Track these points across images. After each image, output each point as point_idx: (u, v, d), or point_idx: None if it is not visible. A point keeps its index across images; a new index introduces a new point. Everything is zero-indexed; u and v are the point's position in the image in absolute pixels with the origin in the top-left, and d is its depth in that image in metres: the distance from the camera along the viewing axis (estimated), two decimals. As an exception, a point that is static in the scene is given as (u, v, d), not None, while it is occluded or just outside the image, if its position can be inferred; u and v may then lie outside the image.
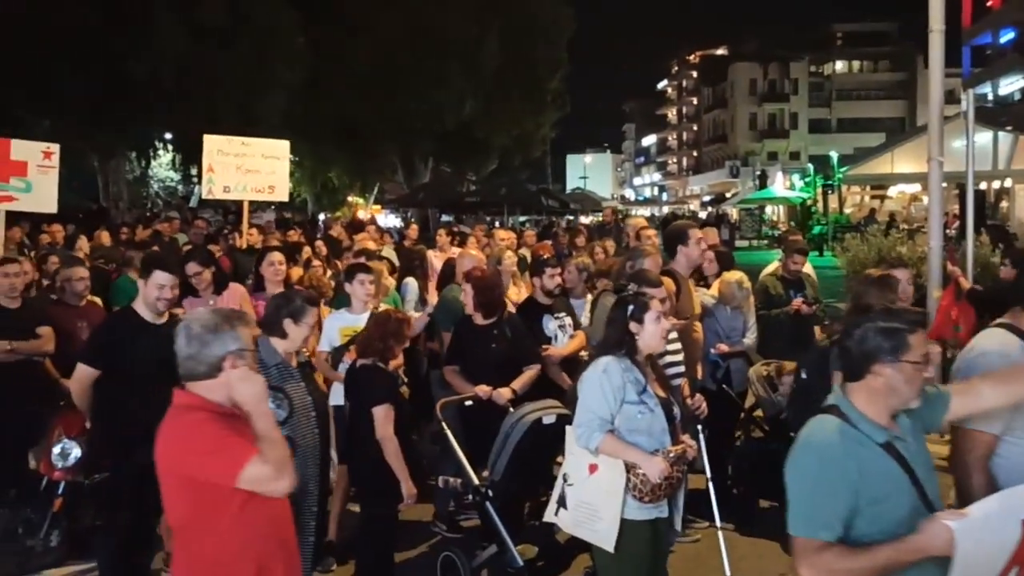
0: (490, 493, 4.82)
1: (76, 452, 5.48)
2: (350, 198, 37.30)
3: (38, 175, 7.48)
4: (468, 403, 5.27)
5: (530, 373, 5.56)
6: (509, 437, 4.79)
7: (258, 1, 24.07)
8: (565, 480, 3.92)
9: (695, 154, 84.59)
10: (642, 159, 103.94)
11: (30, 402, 5.69)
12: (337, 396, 5.38)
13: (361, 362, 4.82)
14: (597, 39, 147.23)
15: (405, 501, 4.60)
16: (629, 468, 3.67)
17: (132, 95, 22.57)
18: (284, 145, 10.70)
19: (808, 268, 7.76)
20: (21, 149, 7.50)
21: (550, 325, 6.01)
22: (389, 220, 34.12)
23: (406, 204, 30.82)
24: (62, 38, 21.05)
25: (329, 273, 8.10)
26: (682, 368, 4.96)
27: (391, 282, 6.79)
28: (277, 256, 6.58)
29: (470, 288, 5.52)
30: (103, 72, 21.94)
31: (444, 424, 5.12)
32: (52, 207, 7.89)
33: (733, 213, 44.68)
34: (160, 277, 4.73)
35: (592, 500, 3.77)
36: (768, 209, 43.73)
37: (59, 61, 21.37)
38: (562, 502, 3.91)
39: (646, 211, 54.91)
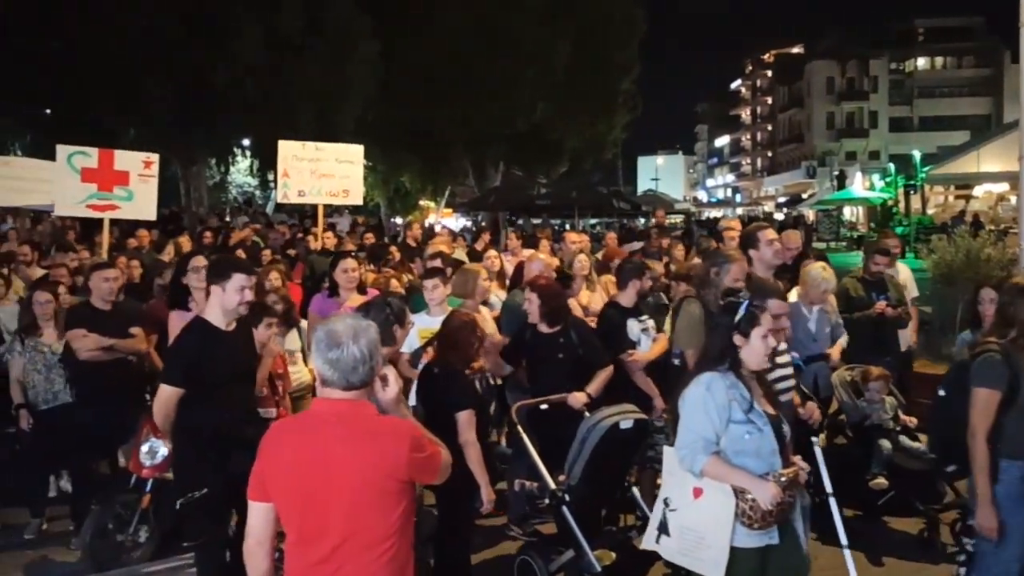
0: (567, 497, 4.80)
1: (163, 450, 5.65)
2: (421, 202, 37.68)
3: (139, 184, 7.81)
4: (543, 407, 5.26)
5: (603, 376, 5.53)
6: (586, 441, 4.76)
7: (333, 9, 24.53)
8: (667, 505, 3.71)
9: (770, 155, 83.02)
10: (715, 160, 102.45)
11: (122, 400, 5.89)
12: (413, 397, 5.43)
13: (439, 366, 4.82)
14: (669, 40, 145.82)
15: (484, 507, 4.57)
16: (737, 493, 3.47)
17: (213, 103, 23.24)
18: (358, 149, 10.89)
19: (905, 272, 7.57)
20: (124, 160, 7.83)
21: (634, 329, 5.94)
22: (460, 223, 34.40)
23: (477, 207, 30.99)
24: (147, 49, 21.80)
25: (405, 277, 8.19)
26: (792, 382, 4.75)
27: (486, 284, 6.71)
28: (350, 263, 6.59)
29: (535, 296, 5.49)
30: (186, 81, 22.64)
31: (520, 427, 5.12)
32: (152, 214, 8.23)
33: (810, 215, 43.72)
34: (239, 279, 4.48)
35: (698, 527, 3.57)
36: (847, 210, 42.67)
37: (144, 71, 22.13)
38: (663, 528, 3.71)
39: (719, 213, 54.06)
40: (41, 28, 21.13)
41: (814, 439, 4.92)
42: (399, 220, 34.80)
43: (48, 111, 25.47)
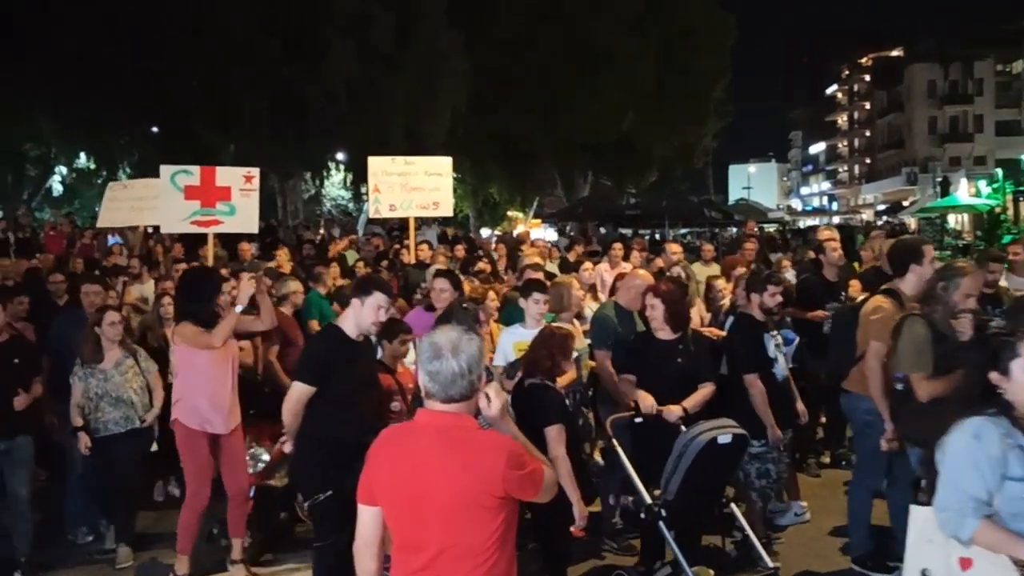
0: (663, 513, 4.72)
1: (265, 457, 5.81)
2: (509, 213, 37.88)
3: (241, 198, 8.02)
4: (638, 420, 5.18)
5: (704, 391, 5.41)
6: (683, 456, 4.67)
7: (423, 24, 24.95)
8: None
9: (868, 161, 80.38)
10: (810, 167, 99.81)
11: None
12: None
13: (529, 381, 4.80)
14: (760, 46, 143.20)
15: (576, 524, 4.49)
16: (1018, 565, 2.94)
17: (308, 118, 23.92)
18: (447, 161, 10.98)
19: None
20: (225, 175, 8.08)
21: (770, 345, 5.71)
22: (548, 234, 34.36)
23: (565, 218, 30.95)
24: (245, 68, 22.63)
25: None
26: None
27: (580, 296, 6.69)
28: (441, 283, 6.42)
29: (659, 303, 5.42)
30: (282, 97, 23.39)
31: (615, 441, 5.06)
32: (254, 227, 8.46)
33: (911, 223, 42.08)
34: (379, 299, 4.63)
35: None
36: (951, 218, 40.89)
37: (243, 89, 22.98)
38: None
39: (814, 221, 52.61)
40: (147, 51, 22.16)
41: None
42: (487, 231, 35.08)
43: (155, 129, 26.67)
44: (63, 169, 30.70)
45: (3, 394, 5.59)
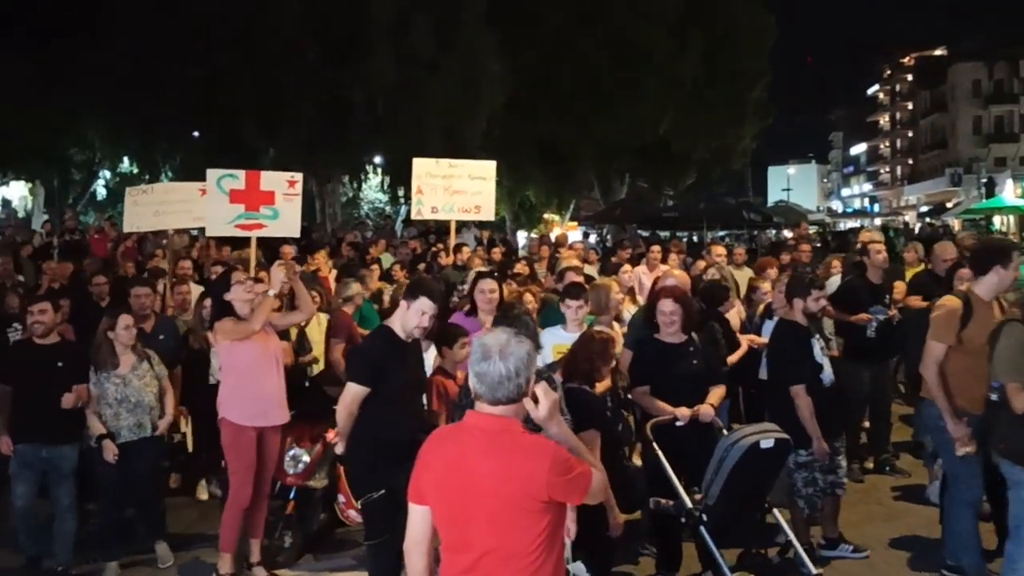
0: (704, 517, 4.68)
1: (306, 459, 5.86)
2: (546, 215, 37.82)
3: (284, 203, 8.10)
4: (678, 423, 5.14)
5: (719, 391, 5.45)
6: (724, 460, 4.62)
7: (462, 26, 25.00)
8: None
9: (910, 162, 79.02)
10: (851, 169, 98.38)
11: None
12: None
13: (567, 385, 4.77)
14: (800, 46, 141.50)
15: (611, 531, 4.46)
16: None
17: (347, 122, 24.09)
18: (490, 165, 11.01)
19: None
20: (269, 180, 8.16)
21: (816, 349, 5.57)
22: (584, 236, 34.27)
23: (602, 220, 30.85)
24: (286, 73, 22.88)
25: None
26: None
27: (618, 299, 6.66)
28: (490, 284, 6.36)
29: (679, 307, 5.38)
30: (322, 101, 23.59)
31: (655, 444, 5.02)
32: (296, 231, 8.53)
33: (955, 224, 41.28)
34: (424, 303, 4.69)
35: None
36: (996, 220, 40.06)
37: (283, 94, 23.22)
38: None
39: (855, 223, 51.86)
40: (190, 56, 22.49)
41: None
42: (523, 234, 35.04)
43: (196, 134, 27.06)
44: (107, 173, 31.25)
45: (48, 399, 5.56)
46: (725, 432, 4.96)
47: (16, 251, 12.45)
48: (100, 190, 32.60)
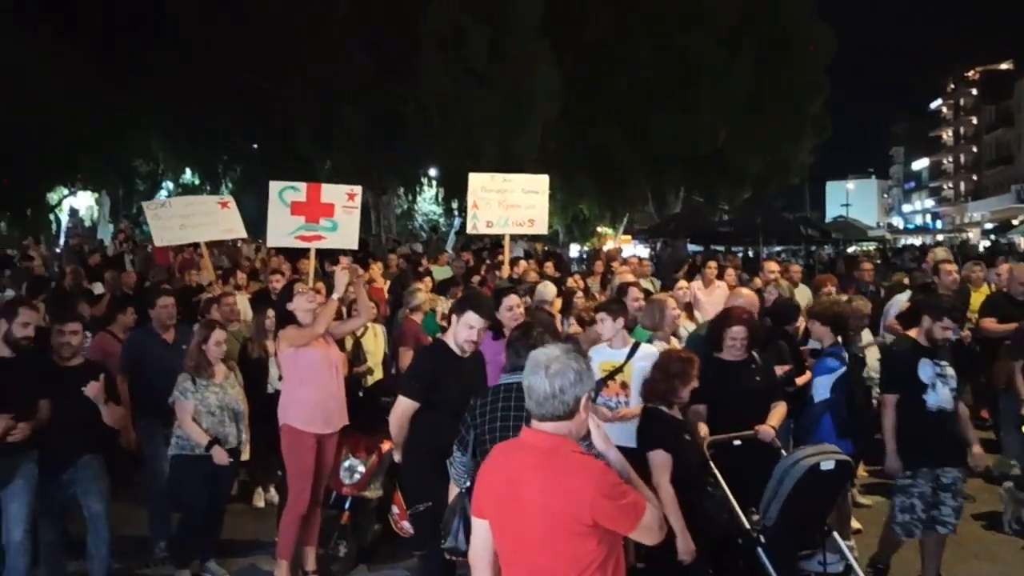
0: (762, 539, 4.60)
1: (361, 469, 5.91)
2: (599, 228, 37.69)
3: (343, 215, 8.17)
4: (737, 443, 5.07)
5: (781, 409, 5.37)
6: (784, 481, 4.55)
7: (515, 39, 25.11)
8: None
9: (974, 178, 77.05)
10: (912, 184, 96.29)
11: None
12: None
13: (645, 405, 4.74)
14: (860, 59, 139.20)
15: (680, 557, 4.32)
16: None
17: (403, 134, 24.37)
18: (543, 179, 11.00)
19: None
20: (329, 192, 8.25)
21: (927, 370, 5.28)
22: (638, 250, 34.08)
23: (656, 234, 30.62)
24: (342, 86, 23.24)
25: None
26: None
27: (675, 314, 6.59)
28: (514, 300, 6.32)
29: (743, 329, 5.32)
30: (377, 114, 23.90)
31: (712, 463, 4.96)
32: (354, 243, 8.60)
33: (1022, 242, 40.09)
34: (471, 318, 4.71)
35: None
36: (1064, 237, 38.82)
37: (339, 105, 23.59)
38: None
39: (917, 240, 50.74)
40: (252, 70, 23.02)
41: None
42: (576, 247, 34.97)
43: (255, 146, 27.64)
44: (169, 184, 32.05)
45: (82, 412, 5.27)
46: (784, 452, 4.88)
47: (83, 260, 12.81)
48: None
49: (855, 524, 6.38)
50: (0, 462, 4.94)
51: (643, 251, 28.77)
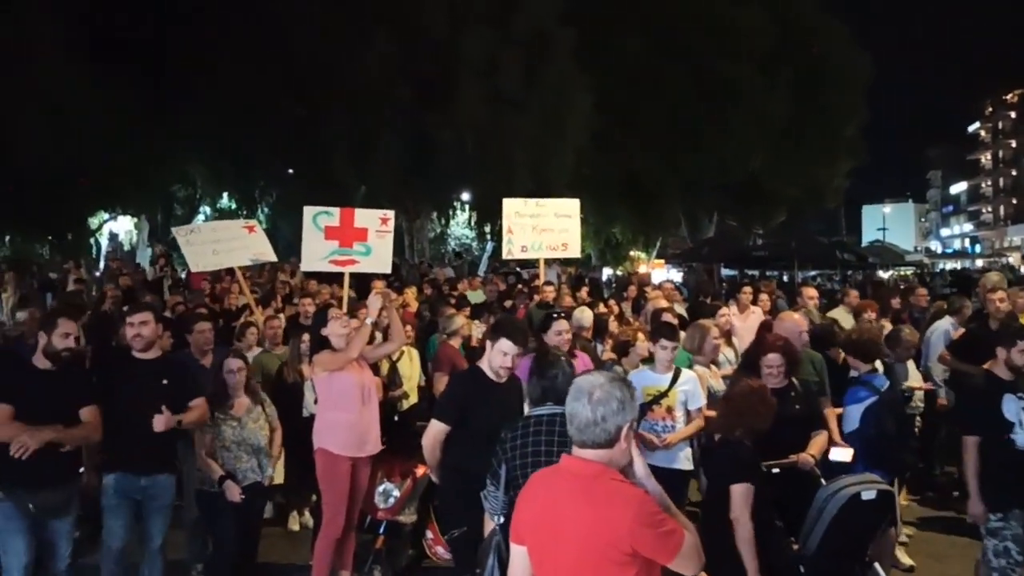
0: (802, 568, 4.52)
1: (396, 493, 5.91)
2: (632, 252, 37.59)
3: (376, 239, 8.28)
4: (775, 471, 4.99)
5: (822, 439, 5.29)
6: (824, 511, 4.47)
7: (550, 65, 25.25)
8: None
9: (1014, 201, 75.89)
10: (950, 208, 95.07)
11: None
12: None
13: (720, 437, 4.68)
14: (897, 82, 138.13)
15: None
16: None
17: (437, 160, 24.56)
18: (574, 203, 11.08)
19: None
20: (363, 217, 8.36)
21: (1011, 406, 5.06)
22: (671, 275, 33.91)
23: (689, 259, 30.47)
24: (378, 113, 23.51)
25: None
26: None
27: (717, 342, 6.54)
28: (564, 324, 6.30)
29: (780, 356, 5.29)
30: (412, 139, 24.12)
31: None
32: (387, 267, 8.67)
33: (1064, 267, 39.34)
34: (505, 345, 4.71)
35: None
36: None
37: (374, 131, 23.85)
38: None
39: (955, 265, 49.96)
40: (290, 97, 23.36)
41: None
42: (608, 271, 34.89)
43: (291, 171, 27.98)
44: (207, 209, 32.51)
45: (150, 420, 4.96)
46: (823, 482, 4.80)
47: (123, 283, 12.99)
48: (200, 225, 33.90)
49: (907, 560, 6.27)
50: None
51: (677, 276, 28.64)
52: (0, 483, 4.64)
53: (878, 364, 5.99)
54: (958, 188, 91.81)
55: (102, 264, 26.91)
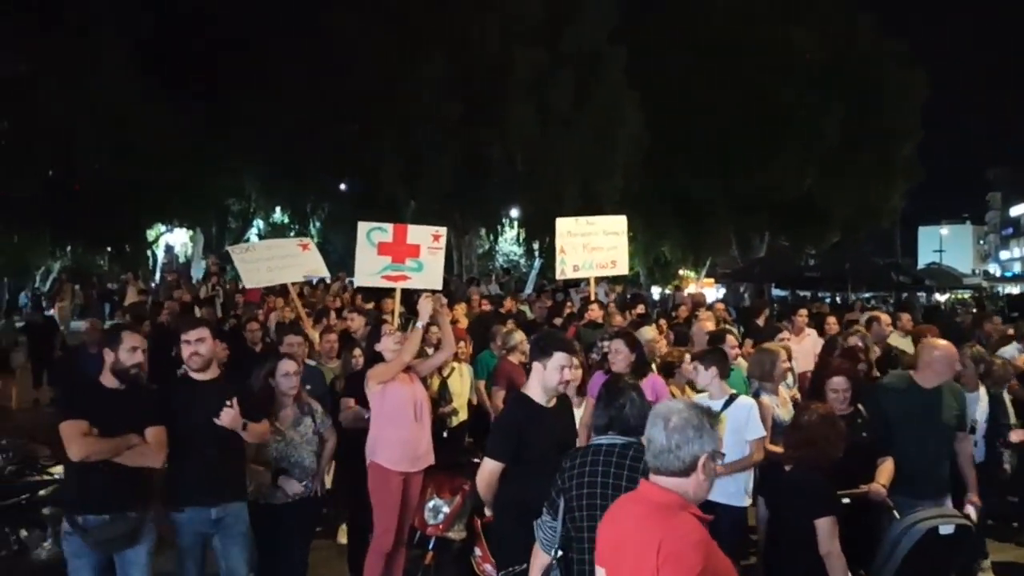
0: (874, 605, 4.33)
1: (445, 509, 5.86)
2: (681, 271, 37.21)
3: (428, 256, 8.30)
4: (846, 500, 4.79)
5: (888, 468, 5.05)
6: (899, 545, 4.28)
7: (600, 83, 25.21)
8: None
9: (1076, 224, 73.81)
10: (1010, 231, 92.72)
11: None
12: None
13: (798, 467, 4.47)
14: (954, 101, 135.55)
15: None
16: None
17: (487, 176, 24.62)
18: (622, 220, 11.03)
19: None
20: (415, 234, 8.40)
21: None
22: (720, 294, 33.47)
23: (740, 278, 30.07)
24: (429, 130, 23.67)
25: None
26: None
27: (785, 367, 6.33)
28: (616, 344, 6.26)
29: (844, 380, 5.12)
30: (462, 156, 24.23)
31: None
32: (438, 284, 8.65)
33: None
34: (561, 359, 4.39)
35: None
36: None
37: (425, 147, 24.02)
38: None
39: (1015, 289, 48.62)
40: (341, 113, 23.67)
41: None
42: (657, 289, 34.57)
43: (343, 186, 28.30)
44: (260, 223, 33.01)
45: (210, 449, 4.72)
46: (897, 514, 4.59)
47: (179, 296, 13.16)
48: (253, 238, 34.51)
49: None
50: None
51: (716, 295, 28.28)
52: (67, 515, 4.47)
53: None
54: (1018, 210, 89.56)
55: (158, 276, 27.47)
